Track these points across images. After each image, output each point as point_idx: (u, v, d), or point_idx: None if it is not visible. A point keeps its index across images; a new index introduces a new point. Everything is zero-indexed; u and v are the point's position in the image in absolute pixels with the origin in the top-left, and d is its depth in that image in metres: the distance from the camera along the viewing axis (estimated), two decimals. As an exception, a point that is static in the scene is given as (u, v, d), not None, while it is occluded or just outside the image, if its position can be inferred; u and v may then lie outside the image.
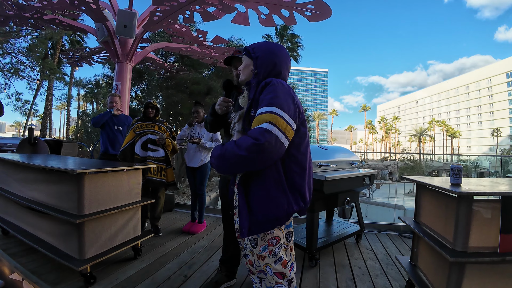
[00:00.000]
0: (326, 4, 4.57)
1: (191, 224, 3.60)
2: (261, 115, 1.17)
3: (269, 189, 1.24)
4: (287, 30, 24.57)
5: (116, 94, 3.99)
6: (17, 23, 5.65)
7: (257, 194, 1.26)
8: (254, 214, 1.25)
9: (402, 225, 3.70)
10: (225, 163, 1.18)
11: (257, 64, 1.36)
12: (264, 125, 1.13)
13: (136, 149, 3.33)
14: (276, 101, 1.19)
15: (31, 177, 2.58)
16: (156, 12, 4.75)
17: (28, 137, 4.48)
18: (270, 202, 1.24)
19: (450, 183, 1.77)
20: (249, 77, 1.43)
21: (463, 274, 1.60)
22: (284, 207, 1.25)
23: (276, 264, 1.28)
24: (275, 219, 1.25)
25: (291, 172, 1.29)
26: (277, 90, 1.23)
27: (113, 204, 2.37)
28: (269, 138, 1.11)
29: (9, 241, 2.83)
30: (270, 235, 1.28)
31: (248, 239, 1.30)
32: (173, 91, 10.88)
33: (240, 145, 1.13)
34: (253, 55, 1.39)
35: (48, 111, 24.85)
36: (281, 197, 1.25)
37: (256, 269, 1.31)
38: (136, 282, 2.22)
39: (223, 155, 1.18)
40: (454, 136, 69.70)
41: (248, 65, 1.45)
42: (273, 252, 1.28)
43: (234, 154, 1.14)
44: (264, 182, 1.25)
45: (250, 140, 1.11)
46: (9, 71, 17.92)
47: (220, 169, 1.22)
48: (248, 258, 1.34)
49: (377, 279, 2.42)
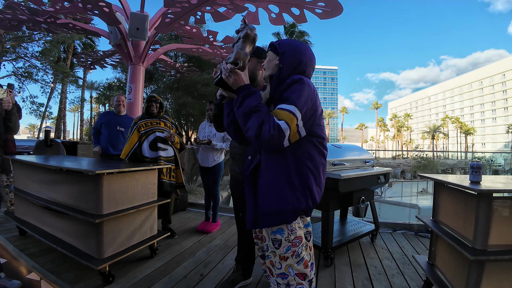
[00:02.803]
0: (337, 1, 4.53)
1: (205, 223, 3.63)
2: (283, 110, 1.18)
3: (276, 182, 1.25)
4: (295, 28, 24.43)
5: (123, 95, 3.99)
6: (31, 28, 5.77)
7: (264, 186, 1.28)
8: (260, 206, 1.26)
9: (417, 224, 3.65)
10: (245, 115, 1.20)
11: (282, 59, 1.36)
12: (281, 122, 1.16)
13: (144, 151, 3.08)
14: (299, 102, 1.20)
15: (49, 178, 2.63)
16: (168, 14, 4.80)
17: (44, 139, 4.59)
18: (276, 194, 1.25)
19: (469, 181, 1.74)
20: (273, 71, 1.42)
21: (483, 272, 1.58)
22: (291, 202, 1.25)
23: (298, 265, 1.27)
24: (281, 213, 1.25)
25: (306, 169, 1.28)
26: (304, 90, 1.24)
27: (131, 204, 2.42)
28: (280, 135, 1.15)
29: (26, 242, 2.91)
30: (293, 235, 1.27)
31: (270, 240, 1.29)
32: (182, 93, 10.97)
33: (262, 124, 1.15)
34: (280, 49, 1.38)
35: (62, 114, 25.40)
36: (289, 191, 1.25)
37: (277, 271, 1.29)
38: (153, 280, 2.25)
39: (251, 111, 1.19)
40: (468, 133, 68.09)
41: (272, 59, 1.43)
42: (296, 252, 1.27)
43: (255, 123, 1.16)
44: (272, 175, 1.26)
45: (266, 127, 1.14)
46: (22, 75, 18.38)
47: (238, 112, 1.23)
48: (269, 259, 1.33)
49: (393, 278, 2.40)
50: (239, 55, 1.26)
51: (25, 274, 2.36)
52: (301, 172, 1.27)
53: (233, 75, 1.24)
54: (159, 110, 3.30)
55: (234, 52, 1.28)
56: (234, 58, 1.26)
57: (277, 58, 1.39)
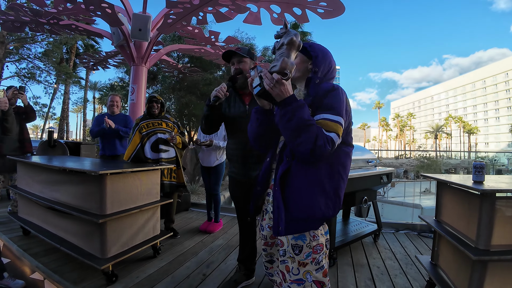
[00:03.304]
0: (339, 1, 4.53)
1: (208, 223, 3.64)
2: (332, 122, 1.19)
3: (309, 189, 1.22)
4: (297, 28, 24.41)
5: (117, 94, 3.97)
6: (34, 29, 5.80)
7: (295, 192, 1.24)
8: (290, 211, 1.22)
9: (420, 224, 3.64)
10: (296, 130, 1.14)
11: (316, 63, 1.35)
12: (333, 135, 1.16)
13: (146, 152, 3.09)
14: (341, 110, 1.22)
15: (53, 178, 2.65)
16: (170, 14, 4.82)
17: (48, 140, 4.63)
18: (308, 201, 1.22)
19: (472, 181, 1.74)
20: (304, 74, 1.40)
21: (485, 272, 1.58)
22: (322, 209, 1.23)
23: (317, 272, 1.25)
24: (310, 219, 1.22)
25: (338, 175, 1.28)
26: (342, 100, 1.24)
27: (134, 204, 2.43)
28: (332, 148, 1.16)
29: (30, 242, 2.92)
30: (315, 241, 1.25)
31: (290, 246, 1.25)
32: (185, 93, 10.99)
33: (317, 137, 1.12)
34: (312, 53, 1.36)
35: (65, 114, 25.53)
36: (321, 198, 1.23)
37: (292, 277, 1.24)
38: (156, 280, 2.27)
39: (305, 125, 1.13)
40: (471, 132, 67.73)
41: (303, 61, 1.39)
42: (316, 259, 1.25)
43: (309, 138, 1.12)
44: (305, 181, 1.23)
45: (321, 141, 1.12)
46: (25, 76, 18.48)
47: (285, 127, 1.17)
48: (284, 264, 1.28)
49: (396, 278, 2.40)
50: (286, 64, 1.13)
51: (29, 274, 2.38)
52: (333, 179, 1.26)
53: (279, 85, 1.14)
54: (161, 110, 3.30)
55: (280, 60, 1.15)
56: (280, 67, 1.13)
57: (310, 62, 1.37)
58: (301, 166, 1.25)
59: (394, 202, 11.53)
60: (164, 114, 3.37)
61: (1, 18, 5.43)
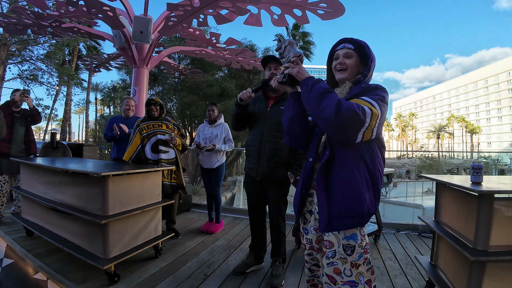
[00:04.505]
0: (339, 2, 4.54)
1: (209, 224, 3.66)
2: (366, 102, 1.17)
3: (354, 183, 1.20)
4: (298, 29, 24.42)
5: (131, 98, 4.00)
6: (36, 32, 5.85)
7: (339, 186, 1.21)
8: (336, 207, 1.19)
9: (421, 225, 3.65)
10: (317, 99, 1.17)
11: (370, 66, 1.32)
12: (366, 108, 1.14)
13: (147, 153, 3.14)
14: (381, 104, 1.20)
15: (56, 180, 2.68)
16: (171, 17, 4.85)
17: (50, 142, 4.66)
18: (354, 195, 1.19)
19: (471, 182, 1.75)
20: (353, 77, 1.36)
21: (484, 273, 1.59)
22: (368, 204, 1.20)
23: (368, 272, 1.23)
24: (359, 215, 1.19)
25: (378, 173, 1.25)
26: (384, 97, 1.23)
27: (136, 205, 2.46)
28: (362, 115, 1.12)
29: (33, 242, 2.95)
30: (365, 241, 1.24)
31: (342, 246, 1.21)
32: (186, 93, 11.03)
33: (340, 102, 1.12)
34: (370, 55, 1.33)
35: (67, 116, 25.65)
36: (366, 193, 1.20)
37: (344, 279, 1.20)
38: (158, 280, 2.29)
39: (324, 94, 1.17)
40: (474, 132, 67.45)
41: (358, 64, 1.36)
42: (367, 259, 1.23)
43: (331, 103, 1.12)
44: (349, 175, 1.21)
45: (349, 107, 1.11)
46: (28, 78, 18.58)
47: (309, 98, 1.21)
48: (333, 266, 1.22)
49: (396, 279, 2.41)
50: (295, 52, 1.38)
51: (32, 274, 2.41)
52: (374, 175, 1.24)
53: (297, 66, 1.30)
54: (160, 112, 3.33)
55: (291, 51, 1.39)
56: (294, 53, 1.37)
57: (362, 66, 1.36)
58: (345, 159, 1.22)
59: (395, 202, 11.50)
60: (165, 116, 3.40)
61: (4, 21, 5.48)
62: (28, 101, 3.58)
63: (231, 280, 2.33)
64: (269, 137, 2.23)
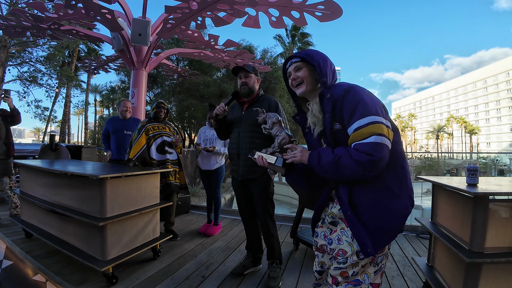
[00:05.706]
0: (337, 4, 4.55)
1: (207, 226, 3.67)
2: (363, 128, 1.09)
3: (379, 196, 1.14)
4: (298, 30, 24.47)
5: (128, 100, 4.03)
6: (35, 34, 5.84)
7: (365, 204, 1.16)
8: (368, 228, 1.14)
9: (419, 226, 3.65)
10: (335, 172, 1.13)
11: (322, 72, 1.26)
12: (373, 138, 1.06)
13: (152, 153, 3.23)
14: (368, 108, 1.11)
15: (54, 182, 2.69)
16: (169, 19, 4.86)
17: (49, 144, 4.67)
18: (382, 210, 1.14)
19: (466, 184, 1.76)
20: (314, 86, 1.32)
21: (479, 274, 1.60)
22: (400, 212, 1.15)
23: (376, 274, 1.20)
24: (394, 228, 1.15)
25: (401, 170, 1.18)
26: (361, 95, 1.15)
27: (134, 207, 2.47)
28: (382, 152, 1.06)
29: (32, 244, 2.96)
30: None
31: (355, 253, 1.17)
32: (185, 95, 11.06)
33: (358, 160, 1.07)
34: (313, 62, 1.27)
35: (66, 117, 25.67)
36: (394, 202, 1.14)
37: (349, 279, 1.18)
38: (156, 282, 2.30)
39: (336, 164, 1.11)
40: (473, 132, 67.52)
41: (311, 73, 1.32)
42: (375, 260, 1.19)
43: (351, 167, 1.08)
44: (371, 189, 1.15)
45: (365, 157, 1.06)
46: (27, 80, 18.58)
47: (326, 174, 1.17)
48: (341, 270, 1.20)
49: (393, 280, 2.42)
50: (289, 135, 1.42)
51: (31, 275, 2.42)
52: (397, 175, 1.17)
53: (298, 153, 1.25)
54: (165, 116, 3.48)
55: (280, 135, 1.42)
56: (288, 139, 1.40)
57: (316, 72, 1.29)
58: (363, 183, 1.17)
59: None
60: (167, 120, 3.55)
61: (3, 23, 5.48)
62: (8, 101, 3.56)
63: (229, 282, 2.34)
64: (245, 138, 2.30)
